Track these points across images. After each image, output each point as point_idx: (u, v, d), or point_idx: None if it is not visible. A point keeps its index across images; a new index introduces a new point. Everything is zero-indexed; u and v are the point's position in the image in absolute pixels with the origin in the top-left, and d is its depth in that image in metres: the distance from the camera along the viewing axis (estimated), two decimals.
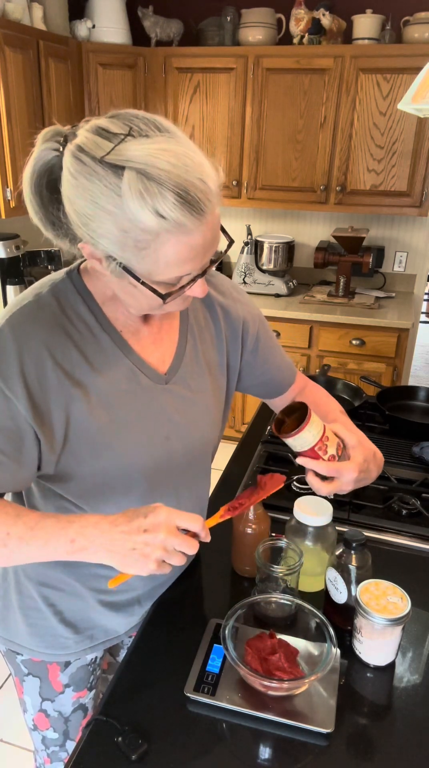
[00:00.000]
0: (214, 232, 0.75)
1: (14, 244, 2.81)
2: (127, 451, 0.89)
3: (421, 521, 1.28)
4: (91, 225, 0.72)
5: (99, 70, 3.10)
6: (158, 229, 0.69)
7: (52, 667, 1.08)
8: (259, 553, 1.02)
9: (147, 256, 0.72)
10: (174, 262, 0.73)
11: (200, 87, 3.17)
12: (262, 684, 0.84)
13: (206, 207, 0.71)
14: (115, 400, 0.88)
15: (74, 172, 0.70)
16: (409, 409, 1.81)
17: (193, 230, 0.71)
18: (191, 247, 0.72)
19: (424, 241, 3.45)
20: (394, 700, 0.90)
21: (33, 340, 0.81)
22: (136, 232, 0.70)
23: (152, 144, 0.69)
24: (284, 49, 3.02)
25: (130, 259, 0.73)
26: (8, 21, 2.51)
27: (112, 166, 0.68)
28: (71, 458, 0.87)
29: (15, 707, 1.93)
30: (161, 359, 0.94)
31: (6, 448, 0.81)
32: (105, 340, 0.87)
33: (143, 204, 0.68)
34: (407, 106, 1.24)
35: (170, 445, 0.94)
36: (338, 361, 3.16)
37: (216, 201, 0.73)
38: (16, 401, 0.79)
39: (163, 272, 0.74)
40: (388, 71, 2.90)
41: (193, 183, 0.69)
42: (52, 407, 0.82)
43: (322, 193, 3.18)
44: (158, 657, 0.96)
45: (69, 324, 0.84)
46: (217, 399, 1.03)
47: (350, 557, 0.98)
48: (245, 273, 3.43)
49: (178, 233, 0.70)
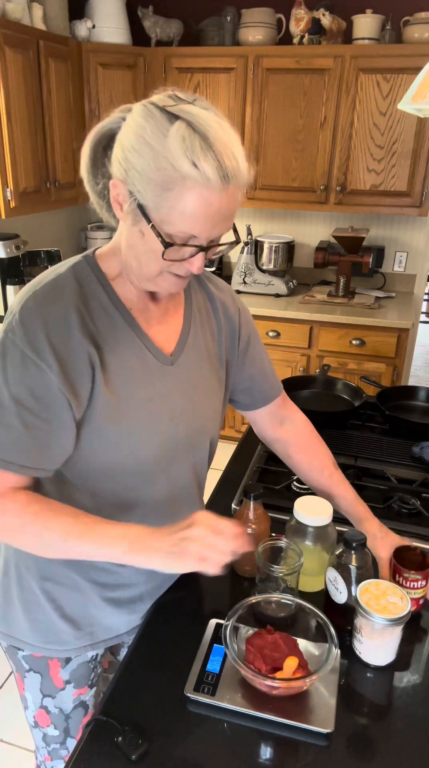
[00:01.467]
0: (232, 209, 0.81)
1: (14, 244, 2.81)
2: (132, 429, 0.92)
3: (421, 521, 1.28)
4: (129, 157, 0.78)
5: (99, 70, 3.10)
6: (187, 173, 0.75)
7: (52, 663, 1.08)
8: (259, 553, 1.02)
9: (168, 199, 0.77)
10: (189, 213, 0.77)
11: (200, 87, 3.17)
12: (263, 683, 0.84)
13: (232, 177, 0.77)
14: (124, 376, 0.91)
15: (136, 116, 0.80)
16: (409, 409, 1.81)
17: (215, 190, 0.77)
18: (208, 205, 0.77)
19: (424, 241, 3.45)
20: (394, 700, 0.90)
21: (57, 313, 0.85)
22: (167, 171, 0.76)
23: (209, 113, 0.79)
24: (284, 49, 3.02)
25: (151, 199, 0.78)
26: (8, 21, 2.51)
27: (169, 114, 0.78)
28: (84, 433, 0.90)
29: (15, 707, 1.93)
30: (167, 341, 0.98)
31: (48, 416, 0.85)
32: (116, 317, 0.91)
33: (183, 147, 0.75)
34: (407, 106, 1.24)
35: (174, 426, 0.97)
36: (338, 361, 3.16)
37: (242, 183, 0.80)
38: (48, 371, 0.83)
39: (175, 222, 0.78)
40: (388, 71, 2.90)
41: (228, 153, 0.77)
42: (79, 375, 0.86)
43: (322, 193, 3.18)
44: (158, 657, 0.96)
45: (86, 300, 0.89)
46: (217, 389, 1.06)
47: (350, 557, 0.98)
48: (245, 273, 3.43)
49: (203, 186, 0.76)
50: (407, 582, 0.97)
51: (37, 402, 0.84)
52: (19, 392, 0.84)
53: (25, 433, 0.85)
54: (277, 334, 3.21)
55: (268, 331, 3.22)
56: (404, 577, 0.99)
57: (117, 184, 0.82)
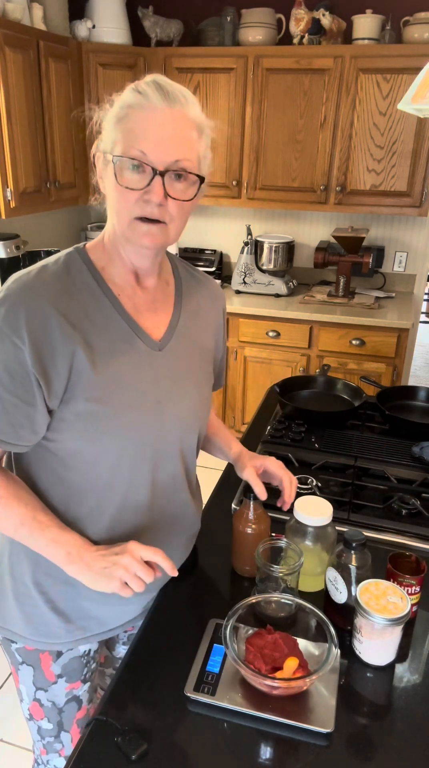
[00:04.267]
0: (180, 133, 0.86)
1: (14, 244, 2.81)
2: (119, 409, 0.93)
3: (421, 521, 1.28)
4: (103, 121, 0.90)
5: (99, 70, 3.10)
6: (132, 101, 0.85)
7: (44, 657, 1.09)
8: (259, 553, 1.02)
9: (121, 128, 0.86)
10: (137, 130, 0.85)
11: (200, 87, 3.17)
12: (263, 683, 0.84)
13: (176, 104, 0.85)
14: (112, 359, 0.93)
15: None
16: (409, 409, 1.81)
17: (156, 107, 0.84)
18: (151, 119, 0.85)
19: (424, 241, 3.45)
20: (394, 700, 0.90)
21: (39, 297, 0.88)
22: (120, 107, 0.87)
23: None
24: (284, 49, 3.02)
25: (110, 140, 0.87)
26: (8, 21, 2.51)
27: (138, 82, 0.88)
28: (68, 412, 0.92)
29: (15, 707, 1.93)
30: (155, 327, 1.01)
31: (19, 392, 0.89)
32: (104, 303, 0.94)
33: (133, 86, 0.87)
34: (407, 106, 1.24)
35: (162, 408, 0.99)
36: (338, 361, 3.16)
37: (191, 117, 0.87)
38: (23, 348, 0.86)
39: (127, 140, 0.85)
40: (388, 71, 2.90)
41: (176, 89, 0.87)
42: (56, 357, 0.88)
43: (322, 193, 3.18)
44: (158, 657, 0.96)
45: (73, 286, 0.92)
46: (204, 378, 1.10)
47: (350, 557, 0.98)
48: (245, 273, 3.43)
49: (145, 107, 0.85)
50: (402, 588, 0.97)
51: (11, 378, 0.88)
52: None
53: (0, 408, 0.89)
54: (277, 334, 3.21)
55: (268, 331, 3.22)
56: (399, 582, 0.99)
57: (95, 153, 0.91)
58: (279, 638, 0.90)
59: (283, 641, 0.90)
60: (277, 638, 0.90)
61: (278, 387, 1.82)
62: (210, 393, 1.13)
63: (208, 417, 1.13)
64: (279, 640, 0.90)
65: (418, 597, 1.01)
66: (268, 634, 0.91)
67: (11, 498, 0.95)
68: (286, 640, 0.90)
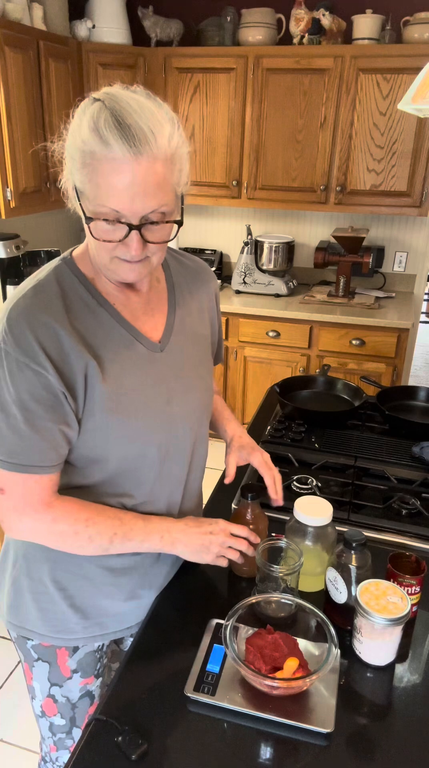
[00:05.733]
0: (152, 182, 0.80)
1: (14, 244, 2.81)
2: (131, 416, 0.95)
3: (421, 521, 1.28)
4: (66, 145, 0.84)
5: (99, 70, 3.10)
6: (95, 149, 0.78)
7: (60, 652, 1.10)
8: (259, 553, 1.02)
9: (86, 174, 0.81)
10: (104, 186, 0.80)
11: (200, 87, 3.17)
12: (263, 683, 0.84)
13: (144, 150, 0.78)
14: (118, 368, 0.94)
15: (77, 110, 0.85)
16: (409, 409, 1.81)
17: (124, 162, 0.78)
18: (119, 176, 0.79)
19: (424, 241, 3.45)
20: (394, 700, 0.90)
21: (42, 318, 0.88)
22: (81, 148, 0.80)
23: (130, 93, 0.82)
24: (284, 49, 3.02)
25: (78, 179, 0.83)
26: (8, 21, 2.51)
27: (94, 99, 0.83)
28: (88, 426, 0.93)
29: (15, 707, 1.93)
30: (154, 328, 1.02)
31: (52, 416, 0.89)
32: (101, 313, 0.94)
33: (92, 124, 0.79)
34: (407, 106, 1.24)
35: (171, 409, 1.01)
36: (338, 361, 3.16)
37: (161, 157, 0.80)
38: (45, 373, 0.87)
39: (96, 196, 0.81)
40: (388, 71, 2.90)
41: (138, 125, 0.78)
42: (74, 372, 0.90)
43: (322, 193, 3.18)
44: (158, 657, 0.96)
45: (69, 301, 0.92)
46: (205, 367, 1.12)
47: (350, 557, 0.98)
48: (245, 273, 3.43)
49: (111, 159, 0.78)
50: (402, 588, 0.97)
51: (40, 405, 0.88)
52: (23, 399, 0.87)
53: (39, 438, 0.89)
54: (277, 334, 3.21)
55: (268, 331, 3.22)
56: (399, 582, 0.99)
57: (63, 174, 0.88)
58: (279, 638, 0.90)
59: (283, 641, 0.90)
60: (277, 638, 0.90)
61: (278, 387, 1.82)
62: (212, 377, 1.16)
63: (212, 402, 1.16)
64: (279, 640, 0.90)
65: (418, 597, 1.01)
66: (268, 634, 0.91)
67: (95, 516, 0.96)
68: (286, 640, 0.90)
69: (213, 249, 3.75)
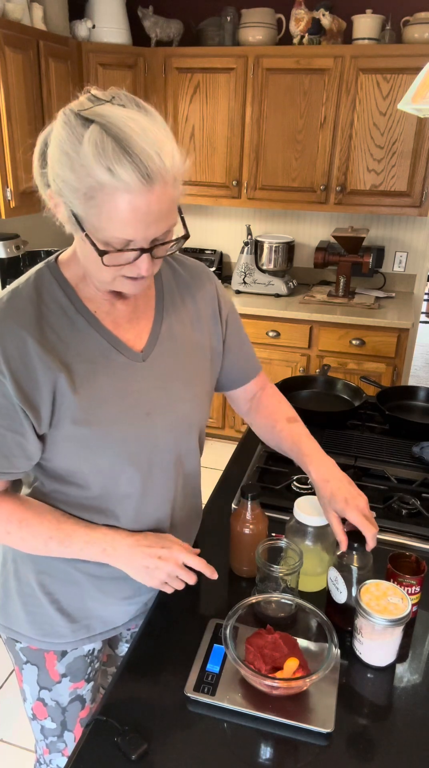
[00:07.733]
0: (164, 207, 0.78)
1: (14, 244, 2.81)
2: (106, 427, 0.92)
3: (421, 521, 1.28)
4: (56, 168, 0.78)
5: (99, 70, 3.10)
6: (104, 181, 0.73)
7: (48, 656, 1.09)
8: (259, 553, 1.02)
9: (94, 206, 0.76)
10: (116, 219, 0.76)
11: (200, 87, 3.17)
12: (263, 683, 0.84)
13: (155, 177, 0.74)
14: (93, 378, 0.91)
15: (56, 125, 0.78)
16: (409, 409, 1.81)
17: (138, 193, 0.74)
18: (134, 209, 0.75)
19: (424, 241, 3.45)
20: (394, 700, 0.90)
21: (12, 327, 0.86)
22: (87, 180, 0.74)
23: (124, 111, 0.76)
24: (284, 49, 3.02)
25: (81, 208, 0.77)
26: (8, 21, 2.51)
27: (83, 119, 0.75)
28: (58, 437, 0.91)
29: (15, 707, 1.93)
30: (137, 337, 0.97)
31: (7, 423, 0.88)
32: (79, 321, 0.91)
33: (96, 154, 0.73)
34: (407, 106, 1.24)
35: (151, 420, 0.97)
36: (338, 361, 3.16)
37: (170, 180, 0.77)
38: (5, 381, 0.86)
39: (106, 228, 0.77)
40: (388, 71, 2.90)
41: (146, 151, 0.74)
42: (39, 386, 0.87)
43: (322, 193, 3.18)
44: (158, 657, 0.96)
45: (45, 308, 0.89)
46: (198, 378, 1.05)
47: (351, 557, 0.98)
48: (245, 273, 3.43)
49: (123, 191, 0.74)
50: (402, 588, 0.97)
51: None
52: None
53: None
54: (277, 334, 3.21)
55: (268, 331, 3.22)
56: (399, 582, 0.99)
57: (52, 195, 0.81)
58: (279, 638, 0.90)
59: (283, 641, 0.90)
60: (277, 638, 0.90)
61: (278, 387, 1.82)
62: (209, 390, 1.09)
63: (207, 415, 1.10)
64: (279, 640, 0.90)
65: (418, 597, 1.01)
66: (268, 634, 0.91)
67: (31, 517, 0.95)
68: (286, 640, 0.90)
69: (213, 249, 3.75)
